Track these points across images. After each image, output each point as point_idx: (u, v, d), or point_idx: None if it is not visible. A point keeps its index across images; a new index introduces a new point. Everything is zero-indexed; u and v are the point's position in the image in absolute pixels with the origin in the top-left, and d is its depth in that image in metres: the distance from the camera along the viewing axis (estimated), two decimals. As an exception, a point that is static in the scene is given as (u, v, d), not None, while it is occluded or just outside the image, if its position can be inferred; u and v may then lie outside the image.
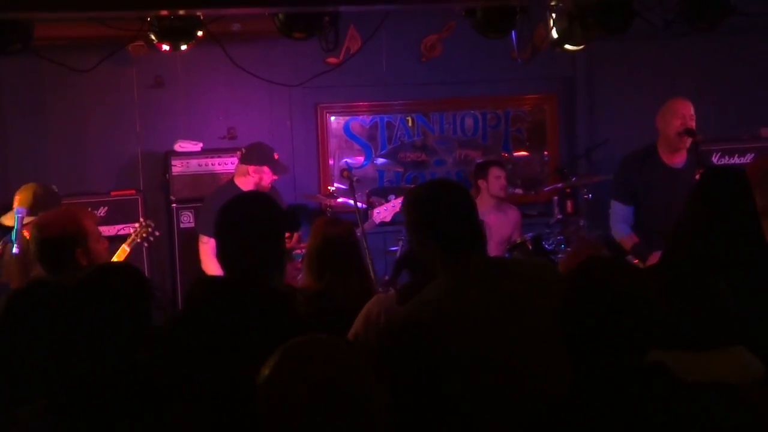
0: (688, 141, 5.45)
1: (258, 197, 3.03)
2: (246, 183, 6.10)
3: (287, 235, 2.92)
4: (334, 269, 3.91)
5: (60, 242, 3.71)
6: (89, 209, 5.82)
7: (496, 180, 6.62)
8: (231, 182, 6.18)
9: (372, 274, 5.06)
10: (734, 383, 2.41)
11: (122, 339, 2.55)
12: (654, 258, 5.24)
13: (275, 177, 6.18)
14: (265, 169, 6.10)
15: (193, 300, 2.72)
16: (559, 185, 7.07)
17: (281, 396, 1.87)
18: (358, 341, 3.28)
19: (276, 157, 6.18)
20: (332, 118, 7.51)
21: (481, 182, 6.68)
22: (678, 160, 5.56)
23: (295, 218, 2.89)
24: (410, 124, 7.61)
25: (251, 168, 6.10)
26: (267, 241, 2.70)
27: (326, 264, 3.93)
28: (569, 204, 7.18)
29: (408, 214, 2.87)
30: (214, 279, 2.64)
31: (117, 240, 6.31)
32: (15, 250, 4.94)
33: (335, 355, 1.92)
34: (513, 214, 6.76)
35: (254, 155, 6.16)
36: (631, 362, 2.24)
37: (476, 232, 2.82)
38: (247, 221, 2.72)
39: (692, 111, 5.49)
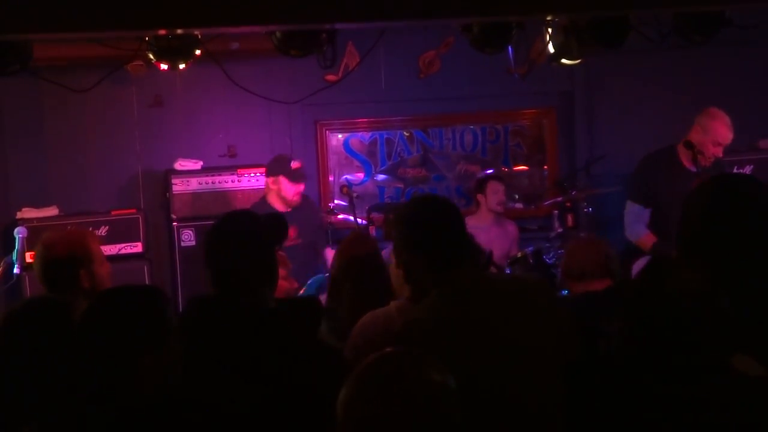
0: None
1: (241, 215, 3.02)
2: (272, 197, 6.17)
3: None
4: (361, 289, 3.83)
5: (65, 263, 3.69)
6: (91, 231, 5.83)
7: (494, 194, 6.61)
8: (263, 199, 6.26)
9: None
10: None
11: (128, 362, 2.55)
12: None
13: (300, 187, 6.16)
14: (282, 179, 6.11)
15: (185, 319, 2.71)
16: (559, 199, 7.06)
17: (363, 416, 1.89)
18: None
19: (293, 166, 6.17)
20: (332, 134, 7.54)
21: (480, 197, 6.68)
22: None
23: (281, 229, 2.86)
24: (407, 134, 7.63)
25: (269, 180, 6.17)
26: (253, 257, 2.69)
27: (352, 284, 3.85)
28: (569, 218, 7.18)
29: (395, 231, 2.86)
30: (205, 297, 2.63)
31: (117, 260, 6.34)
32: (16, 270, 4.96)
33: (412, 370, 1.95)
34: (511, 229, 6.76)
35: (271, 167, 6.22)
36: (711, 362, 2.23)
37: (464, 248, 2.79)
38: (231, 239, 2.71)
39: (731, 137, 5.48)
